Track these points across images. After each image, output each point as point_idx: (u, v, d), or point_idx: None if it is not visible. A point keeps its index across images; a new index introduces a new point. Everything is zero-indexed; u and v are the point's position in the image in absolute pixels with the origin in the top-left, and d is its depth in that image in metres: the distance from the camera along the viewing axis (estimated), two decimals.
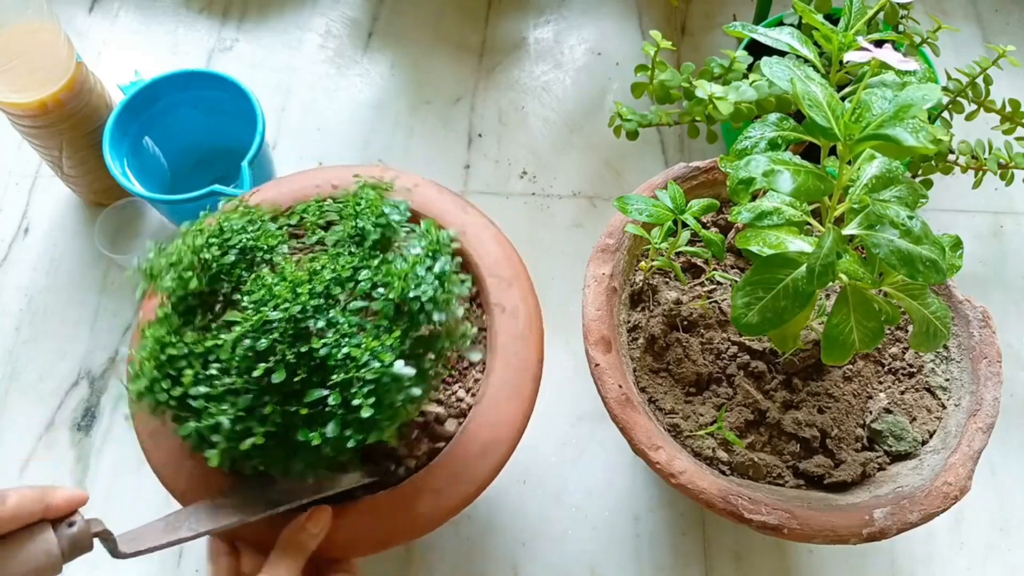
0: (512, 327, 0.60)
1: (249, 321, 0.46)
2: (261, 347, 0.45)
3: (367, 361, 0.45)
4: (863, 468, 0.63)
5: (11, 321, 0.84)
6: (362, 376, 0.45)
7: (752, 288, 0.50)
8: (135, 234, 0.87)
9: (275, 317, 0.46)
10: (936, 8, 1.05)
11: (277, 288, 0.47)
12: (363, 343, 0.46)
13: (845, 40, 0.55)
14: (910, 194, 0.49)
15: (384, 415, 0.46)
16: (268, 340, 0.45)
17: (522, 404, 0.58)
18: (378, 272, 0.49)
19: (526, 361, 0.59)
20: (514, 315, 0.61)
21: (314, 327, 0.46)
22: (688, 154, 0.93)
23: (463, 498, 0.55)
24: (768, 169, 0.46)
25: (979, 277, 0.87)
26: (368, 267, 0.49)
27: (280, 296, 0.47)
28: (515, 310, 0.61)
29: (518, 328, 0.60)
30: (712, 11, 1.03)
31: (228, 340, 0.46)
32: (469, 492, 0.55)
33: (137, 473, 0.76)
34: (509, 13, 1.04)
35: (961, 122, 0.76)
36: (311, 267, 0.50)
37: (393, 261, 0.50)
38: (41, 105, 0.74)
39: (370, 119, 0.96)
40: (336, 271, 0.49)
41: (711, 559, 0.73)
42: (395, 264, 0.50)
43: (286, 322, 0.46)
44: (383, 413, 0.46)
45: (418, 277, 0.49)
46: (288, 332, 0.46)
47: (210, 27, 1.02)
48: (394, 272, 0.49)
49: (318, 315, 0.47)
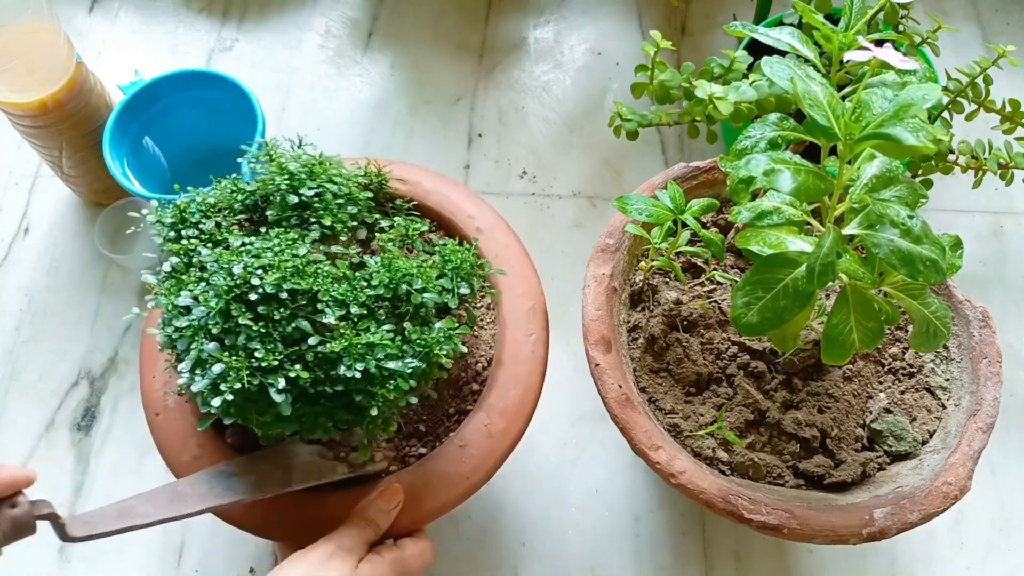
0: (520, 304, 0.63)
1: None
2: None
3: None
4: (863, 468, 0.62)
5: (11, 321, 0.84)
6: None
7: (752, 288, 0.50)
8: (135, 234, 0.87)
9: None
10: (936, 8, 1.05)
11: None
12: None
13: (845, 40, 0.55)
14: (910, 194, 0.49)
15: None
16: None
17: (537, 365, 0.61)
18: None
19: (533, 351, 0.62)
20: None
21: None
22: (688, 154, 0.93)
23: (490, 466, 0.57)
24: (768, 168, 0.45)
25: (979, 277, 0.87)
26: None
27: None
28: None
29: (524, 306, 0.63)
30: (712, 11, 1.03)
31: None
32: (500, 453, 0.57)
33: (137, 473, 0.76)
34: (509, 13, 1.04)
35: (961, 122, 0.76)
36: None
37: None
38: (41, 105, 0.74)
39: (370, 119, 0.96)
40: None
41: (711, 559, 0.73)
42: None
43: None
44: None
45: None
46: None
47: (210, 27, 1.02)
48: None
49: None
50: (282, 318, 0.47)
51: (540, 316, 0.62)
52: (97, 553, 0.73)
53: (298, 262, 0.49)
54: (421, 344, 0.50)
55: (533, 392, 0.60)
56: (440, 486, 0.56)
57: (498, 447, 0.57)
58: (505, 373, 0.60)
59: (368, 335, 0.48)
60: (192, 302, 0.48)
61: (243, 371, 0.45)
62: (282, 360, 0.46)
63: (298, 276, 0.48)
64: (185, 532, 0.74)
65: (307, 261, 0.49)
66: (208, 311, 0.47)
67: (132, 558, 0.73)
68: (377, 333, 0.48)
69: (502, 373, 0.60)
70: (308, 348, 0.47)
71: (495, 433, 0.57)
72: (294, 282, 0.47)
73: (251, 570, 0.72)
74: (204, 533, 0.74)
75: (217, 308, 0.47)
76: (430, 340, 0.50)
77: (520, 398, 0.59)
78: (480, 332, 0.64)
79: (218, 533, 0.74)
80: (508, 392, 0.59)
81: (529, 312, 0.62)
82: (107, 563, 0.73)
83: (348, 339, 0.47)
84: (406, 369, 0.48)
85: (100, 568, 0.73)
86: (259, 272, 0.47)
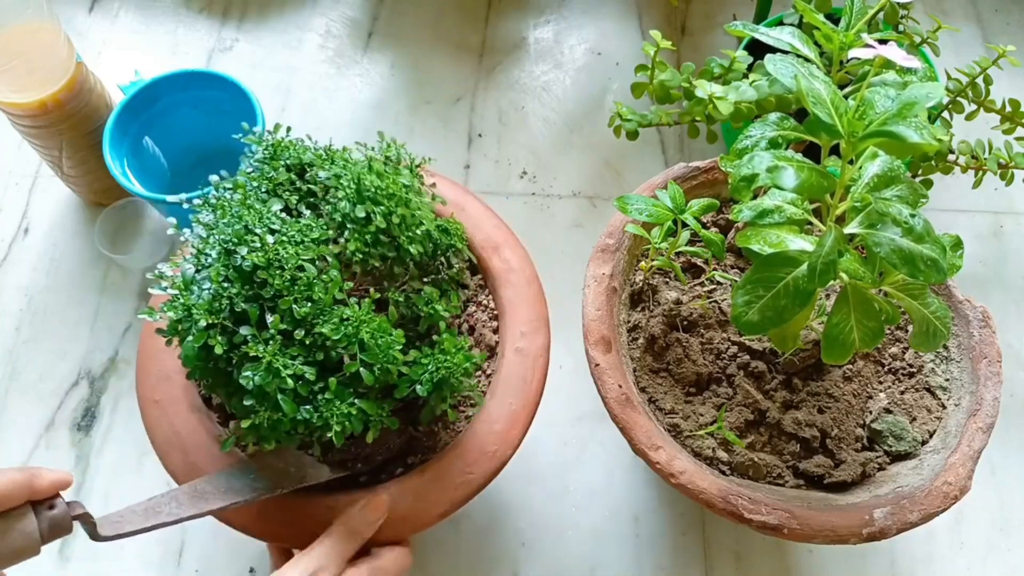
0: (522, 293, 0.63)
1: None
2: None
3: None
4: (863, 468, 0.62)
5: (11, 321, 0.84)
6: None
7: (752, 287, 0.50)
8: (135, 234, 0.87)
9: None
10: (936, 8, 1.05)
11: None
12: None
13: (846, 40, 0.55)
14: (911, 193, 0.49)
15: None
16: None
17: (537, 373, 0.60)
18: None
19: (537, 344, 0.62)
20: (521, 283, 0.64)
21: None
22: (688, 154, 0.93)
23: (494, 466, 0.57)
24: (772, 165, 0.45)
25: (979, 277, 0.87)
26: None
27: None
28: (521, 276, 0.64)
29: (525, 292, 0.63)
30: (712, 11, 1.04)
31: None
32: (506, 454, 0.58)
33: (137, 473, 0.76)
34: (509, 13, 1.04)
35: (961, 122, 0.76)
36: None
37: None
38: (41, 105, 0.74)
39: (370, 119, 0.96)
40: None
41: (711, 559, 0.73)
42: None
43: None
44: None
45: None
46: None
47: (210, 27, 1.02)
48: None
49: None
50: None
51: (542, 356, 0.62)
52: (97, 553, 0.73)
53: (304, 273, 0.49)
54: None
55: (524, 422, 0.59)
56: (437, 495, 0.56)
57: (497, 456, 0.58)
58: (501, 399, 0.59)
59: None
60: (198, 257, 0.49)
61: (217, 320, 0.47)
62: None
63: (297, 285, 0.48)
64: (185, 532, 0.74)
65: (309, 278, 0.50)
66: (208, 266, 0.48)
67: (132, 558, 0.73)
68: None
69: (499, 394, 0.60)
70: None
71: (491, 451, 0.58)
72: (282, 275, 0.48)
73: (251, 570, 0.72)
74: (204, 533, 0.74)
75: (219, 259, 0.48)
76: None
77: (512, 424, 0.59)
78: (481, 338, 0.64)
79: (218, 533, 0.73)
80: (500, 420, 0.59)
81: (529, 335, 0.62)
82: (107, 563, 0.73)
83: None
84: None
85: (100, 568, 0.73)
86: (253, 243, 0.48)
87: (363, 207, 0.51)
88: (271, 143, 0.56)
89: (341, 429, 0.48)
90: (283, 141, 0.57)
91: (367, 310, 0.50)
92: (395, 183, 0.53)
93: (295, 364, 0.47)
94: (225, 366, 0.48)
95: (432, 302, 0.55)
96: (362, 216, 0.51)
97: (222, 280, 0.48)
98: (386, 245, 0.52)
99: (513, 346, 0.61)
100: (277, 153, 0.55)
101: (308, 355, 0.48)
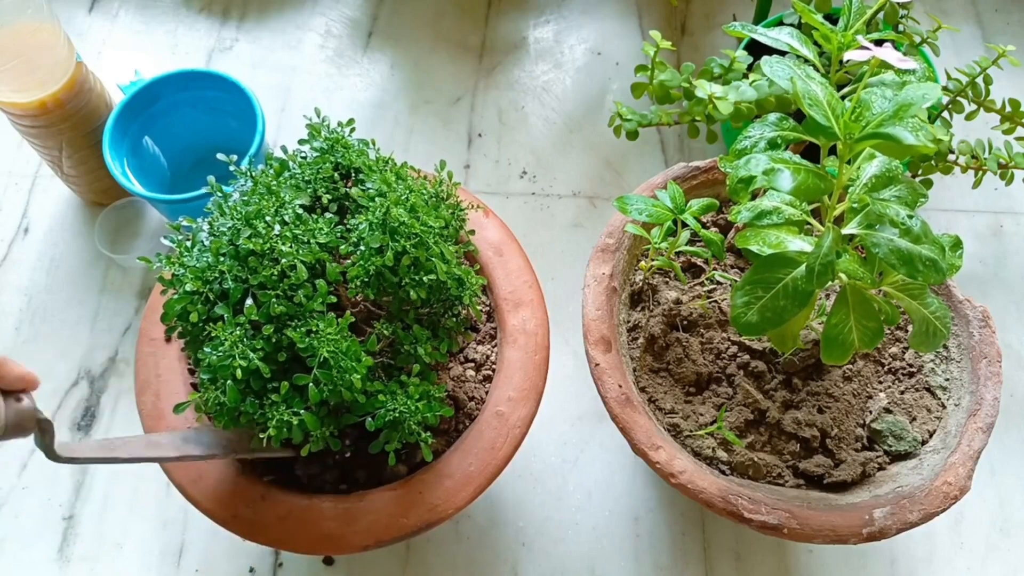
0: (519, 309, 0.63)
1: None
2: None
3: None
4: (863, 468, 0.62)
5: (11, 321, 0.84)
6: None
7: (752, 287, 0.50)
8: (135, 234, 0.87)
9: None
10: (936, 8, 1.05)
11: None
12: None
13: (844, 40, 0.55)
14: (910, 193, 0.49)
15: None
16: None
17: (538, 369, 0.60)
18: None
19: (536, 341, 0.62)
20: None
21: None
22: (688, 154, 0.93)
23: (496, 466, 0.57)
24: (768, 167, 0.45)
25: (979, 277, 0.87)
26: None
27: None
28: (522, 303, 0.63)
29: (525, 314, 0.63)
30: (712, 11, 1.03)
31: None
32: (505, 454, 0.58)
33: (137, 473, 0.76)
34: (509, 13, 1.04)
35: (961, 122, 0.76)
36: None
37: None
38: (41, 105, 0.74)
39: (370, 119, 0.96)
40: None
41: (711, 559, 0.73)
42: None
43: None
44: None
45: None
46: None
47: (210, 27, 1.02)
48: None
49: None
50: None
51: (541, 365, 0.62)
52: (97, 553, 0.73)
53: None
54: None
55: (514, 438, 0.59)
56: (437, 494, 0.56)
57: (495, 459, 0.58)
58: (495, 416, 0.59)
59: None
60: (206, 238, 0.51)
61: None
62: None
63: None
64: (185, 532, 0.74)
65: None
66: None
67: (132, 558, 0.73)
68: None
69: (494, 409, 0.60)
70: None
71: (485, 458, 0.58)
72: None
73: (251, 570, 0.72)
74: (204, 533, 0.74)
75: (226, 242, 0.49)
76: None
77: (504, 439, 0.59)
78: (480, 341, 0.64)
79: (218, 533, 0.73)
80: (453, 477, 0.58)
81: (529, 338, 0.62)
82: (107, 563, 0.73)
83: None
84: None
85: (100, 568, 0.73)
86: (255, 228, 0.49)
87: (380, 238, 0.50)
88: (331, 137, 0.56)
89: (277, 433, 0.48)
90: (343, 139, 0.56)
91: (340, 329, 0.49)
92: (423, 224, 0.51)
93: (253, 358, 0.47)
94: (198, 334, 0.49)
95: (418, 342, 0.53)
96: (375, 247, 0.50)
97: (220, 252, 0.48)
98: (389, 281, 0.51)
99: (495, 408, 0.59)
100: (333, 147, 0.55)
101: (272, 352, 0.48)
